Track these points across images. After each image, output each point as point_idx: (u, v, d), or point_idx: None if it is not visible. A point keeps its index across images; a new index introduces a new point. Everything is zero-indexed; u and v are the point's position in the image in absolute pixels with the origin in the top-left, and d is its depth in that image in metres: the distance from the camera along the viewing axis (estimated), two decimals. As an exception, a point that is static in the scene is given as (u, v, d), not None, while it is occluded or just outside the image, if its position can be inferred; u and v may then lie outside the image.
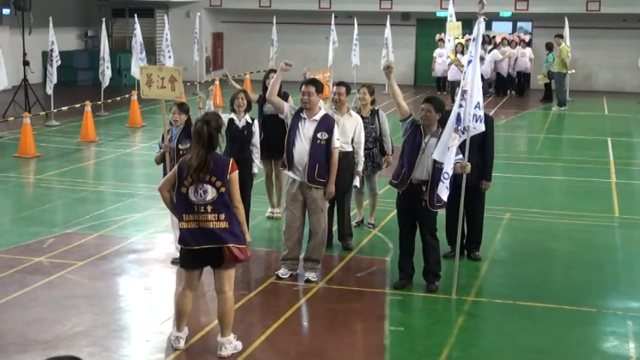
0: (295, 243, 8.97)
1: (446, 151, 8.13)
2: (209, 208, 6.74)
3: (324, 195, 8.83)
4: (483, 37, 28.10)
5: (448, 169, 8.15)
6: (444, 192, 8.18)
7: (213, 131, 6.76)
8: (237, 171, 6.87)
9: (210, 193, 6.74)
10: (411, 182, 8.51)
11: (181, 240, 6.92)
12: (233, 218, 6.80)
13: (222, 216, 6.74)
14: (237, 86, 11.18)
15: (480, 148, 9.24)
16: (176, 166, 6.97)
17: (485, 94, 10.16)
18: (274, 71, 11.33)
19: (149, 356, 7.11)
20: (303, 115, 8.80)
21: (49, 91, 20.03)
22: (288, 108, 8.98)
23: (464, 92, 8.21)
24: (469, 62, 8.29)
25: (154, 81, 8.99)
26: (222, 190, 6.74)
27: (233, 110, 10.07)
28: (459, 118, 8.17)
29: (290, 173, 8.84)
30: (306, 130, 8.73)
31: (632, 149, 18.47)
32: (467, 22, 25.20)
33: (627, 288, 9.11)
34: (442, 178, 8.13)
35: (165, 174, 8.47)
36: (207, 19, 31.65)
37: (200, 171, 6.72)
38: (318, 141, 8.69)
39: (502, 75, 27.88)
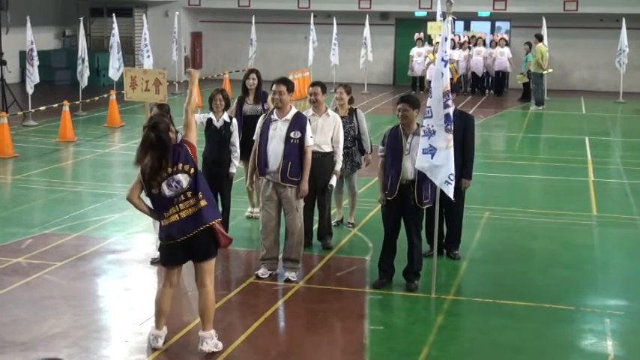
0: (272, 243, 8.97)
1: (428, 157, 8.16)
2: (188, 194, 6.79)
3: (297, 193, 8.84)
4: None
5: (452, 170, 8.19)
6: (450, 192, 8.27)
7: (162, 134, 6.75)
8: (191, 141, 6.96)
9: (184, 180, 6.78)
10: (401, 184, 8.53)
11: (166, 236, 6.89)
12: (208, 194, 6.91)
13: (201, 194, 6.82)
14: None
15: (460, 147, 9.28)
16: (139, 173, 6.93)
17: (457, 90, 10.20)
18: (254, 71, 11.36)
19: (128, 357, 7.08)
20: (274, 116, 8.80)
21: (30, 90, 19.88)
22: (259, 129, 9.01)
23: (446, 93, 8.22)
24: (445, 63, 8.29)
25: (138, 84, 8.96)
26: (192, 170, 6.81)
27: (211, 110, 10.05)
28: (448, 118, 8.20)
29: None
30: (279, 130, 8.72)
31: (609, 148, 18.59)
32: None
33: (605, 286, 9.17)
34: (448, 179, 8.17)
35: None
36: (186, 18, 31.56)
37: (159, 171, 6.73)
38: (292, 140, 8.69)
39: (477, 74, 27.98)
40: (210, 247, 6.94)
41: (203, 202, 6.81)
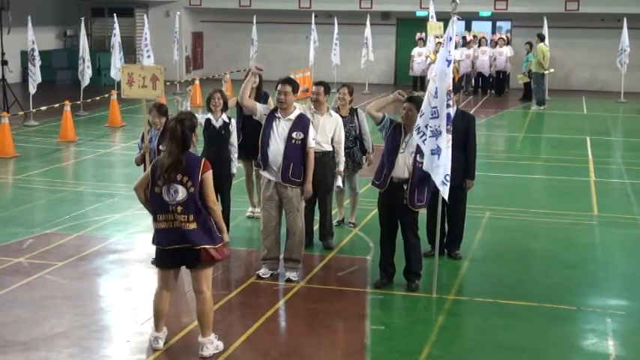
0: (273, 243, 8.96)
1: (435, 157, 8.17)
2: (179, 208, 6.72)
3: (302, 194, 8.83)
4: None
5: (448, 171, 8.19)
6: (446, 193, 8.26)
7: (186, 130, 6.72)
8: (210, 171, 6.83)
9: (181, 193, 6.72)
10: (392, 181, 8.53)
11: (154, 240, 6.91)
12: (205, 219, 6.77)
13: (192, 217, 6.71)
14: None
15: (462, 147, 9.28)
16: (150, 165, 6.95)
17: (459, 90, 10.20)
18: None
19: (130, 357, 7.08)
20: (278, 114, 8.78)
21: (32, 90, 19.89)
22: (261, 108, 8.96)
23: (449, 92, 8.23)
24: (448, 63, 8.29)
25: (135, 80, 8.89)
26: (192, 190, 6.71)
27: (210, 110, 10.05)
28: (448, 118, 8.20)
29: (265, 173, 8.83)
30: (281, 129, 8.70)
31: (611, 148, 18.59)
32: (447, 22, 25.28)
33: (606, 286, 9.17)
34: (444, 179, 8.17)
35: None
36: (187, 18, 31.56)
37: (172, 170, 6.70)
38: (293, 141, 8.67)
39: (484, 74, 27.98)
40: (199, 257, 6.85)
41: (192, 225, 6.70)
